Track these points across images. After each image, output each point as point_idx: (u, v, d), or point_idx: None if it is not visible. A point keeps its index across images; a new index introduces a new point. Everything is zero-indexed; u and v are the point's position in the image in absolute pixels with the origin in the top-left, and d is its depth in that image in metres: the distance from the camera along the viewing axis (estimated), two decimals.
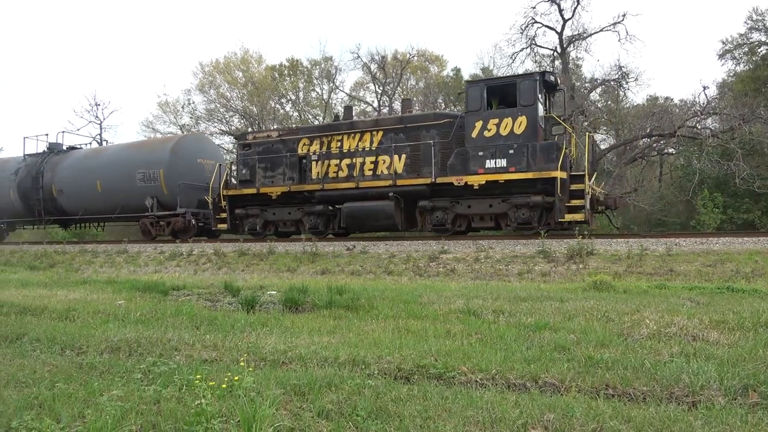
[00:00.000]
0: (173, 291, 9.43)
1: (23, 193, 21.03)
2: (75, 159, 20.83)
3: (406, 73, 38.04)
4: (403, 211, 14.58)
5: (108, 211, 19.66)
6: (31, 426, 3.11)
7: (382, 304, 7.40)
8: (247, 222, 16.83)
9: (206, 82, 41.45)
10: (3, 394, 3.77)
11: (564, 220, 12.79)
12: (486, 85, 13.94)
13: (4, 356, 4.94)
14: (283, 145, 16.42)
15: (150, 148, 19.57)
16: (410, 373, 4.32)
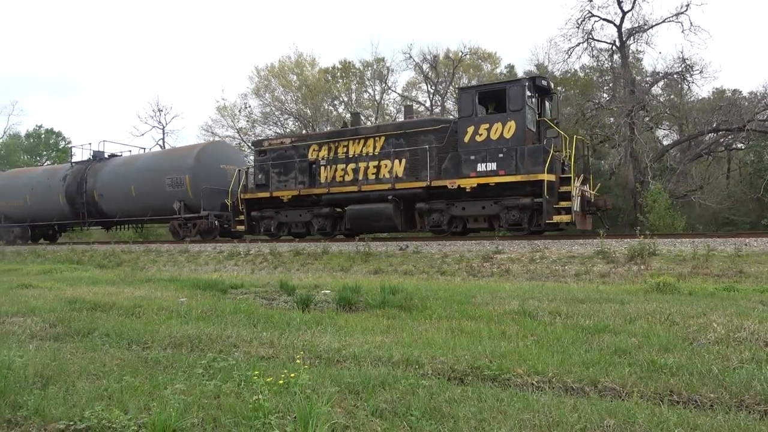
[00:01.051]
0: (232, 289, 9.72)
1: (70, 197, 22.79)
2: (113, 166, 22.45)
3: (459, 72, 37.73)
4: (402, 213, 15.21)
5: (141, 213, 21.08)
6: (101, 416, 3.27)
7: (435, 304, 7.37)
8: (263, 223, 17.73)
9: (262, 86, 42.50)
10: (77, 386, 3.98)
11: (552, 221, 13.05)
12: (477, 91, 14.55)
13: (77, 350, 5.23)
14: (294, 151, 17.23)
15: (177, 156, 20.91)
16: (464, 374, 4.28)
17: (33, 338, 5.84)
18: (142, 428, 3.12)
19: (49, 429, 3.29)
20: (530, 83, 14.05)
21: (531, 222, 13.72)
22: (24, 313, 7.21)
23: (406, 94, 40.26)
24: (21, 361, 4.37)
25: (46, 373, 4.24)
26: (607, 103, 28.20)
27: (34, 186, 24.44)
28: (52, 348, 5.24)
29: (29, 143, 52.04)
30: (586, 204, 13.78)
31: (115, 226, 23.94)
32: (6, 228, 25.38)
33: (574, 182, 13.07)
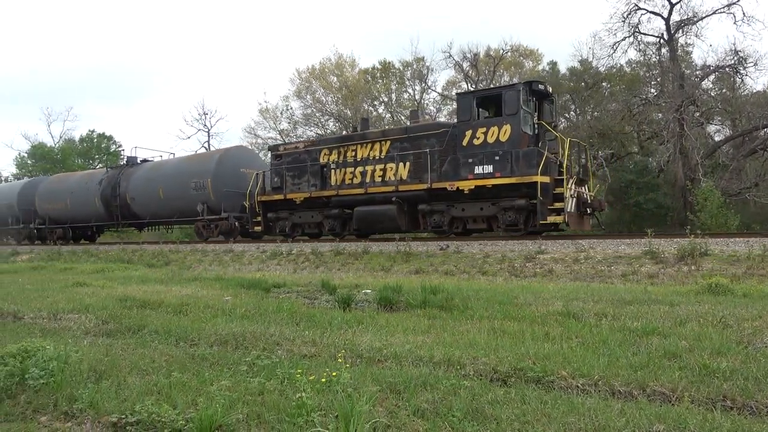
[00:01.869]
0: (274, 288, 9.88)
1: (105, 200, 24.17)
2: (144, 170, 23.63)
3: (499, 70, 37.27)
4: (406, 214, 15.78)
5: (168, 215, 22.28)
6: (151, 410, 3.38)
7: (476, 304, 7.30)
8: (278, 224, 18.57)
9: (303, 87, 43.04)
10: (128, 381, 4.13)
11: (546, 222, 13.36)
12: (475, 96, 15.05)
13: (128, 346, 5.42)
14: (307, 155, 17.91)
15: (200, 161, 21.99)
16: (507, 376, 4.23)
17: (87, 334, 6.08)
18: (189, 423, 3.21)
19: (103, 422, 3.43)
20: (527, 88, 14.39)
21: (527, 223, 14.04)
22: (79, 310, 7.52)
23: (446, 93, 40.05)
24: (76, 356, 4.56)
25: (99, 368, 4.41)
26: (654, 98, 27.36)
27: (73, 190, 25.97)
28: (104, 344, 5.45)
29: (83, 147, 54.20)
30: (582, 205, 14.08)
31: (146, 227, 25.26)
32: (50, 229, 27.01)
33: (566, 184, 13.35)
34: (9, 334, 5.84)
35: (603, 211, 14.90)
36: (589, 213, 14.55)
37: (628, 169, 28.37)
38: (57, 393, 3.83)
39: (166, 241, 22.50)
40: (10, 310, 7.68)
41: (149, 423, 3.29)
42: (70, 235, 27.08)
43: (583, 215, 14.32)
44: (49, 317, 7.14)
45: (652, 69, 29.75)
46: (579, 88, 32.40)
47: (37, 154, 52.05)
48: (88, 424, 3.42)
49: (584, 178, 14.90)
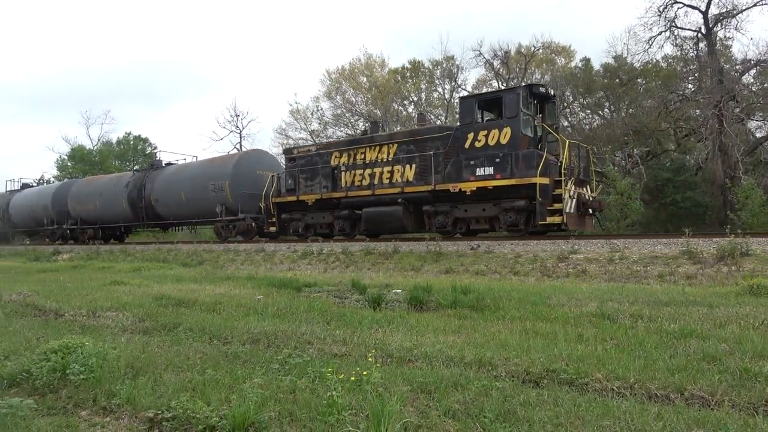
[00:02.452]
0: (305, 288, 9.96)
1: (131, 202, 25.17)
2: (167, 173, 24.53)
3: (531, 67, 36.81)
4: (412, 215, 16.24)
5: (190, 216, 23.24)
6: (186, 407, 3.45)
7: (508, 304, 7.23)
8: (292, 225, 19.14)
9: (333, 88, 43.30)
10: (163, 377, 4.22)
11: (544, 222, 13.60)
12: (476, 99, 15.40)
13: (164, 343, 5.54)
14: (319, 158, 18.51)
15: (219, 164, 22.63)
16: (539, 377, 4.17)
17: (124, 331, 6.24)
18: (223, 420, 3.26)
19: (140, 417, 3.51)
20: (527, 91, 14.63)
21: (528, 223, 14.29)
22: (116, 308, 7.73)
23: (477, 91, 39.77)
24: (114, 352, 4.68)
25: (136, 365, 4.52)
26: (692, 94, 26.65)
27: (102, 192, 27.12)
28: (141, 341, 5.58)
29: (120, 149, 55.66)
30: (581, 206, 14.25)
31: (169, 227, 26.42)
32: (82, 229, 28.35)
33: (564, 185, 13.56)
34: (51, 331, 6.03)
35: (602, 211, 15.05)
36: (590, 213, 14.71)
37: (665, 167, 27.70)
38: (96, 388, 3.94)
39: (200, 241, 22.95)
40: (52, 307, 7.94)
41: (184, 419, 3.36)
42: (100, 235, 28.26)
43: (585, 216, 14.53)
44: (88, 315, 7.35)
45: (690, 64, 28.96)
46: (613, 84, 31.76)
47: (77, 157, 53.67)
48: (125, 419, 3.51)
49: (585, 179, 15.06)
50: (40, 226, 30.93)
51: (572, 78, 33.65)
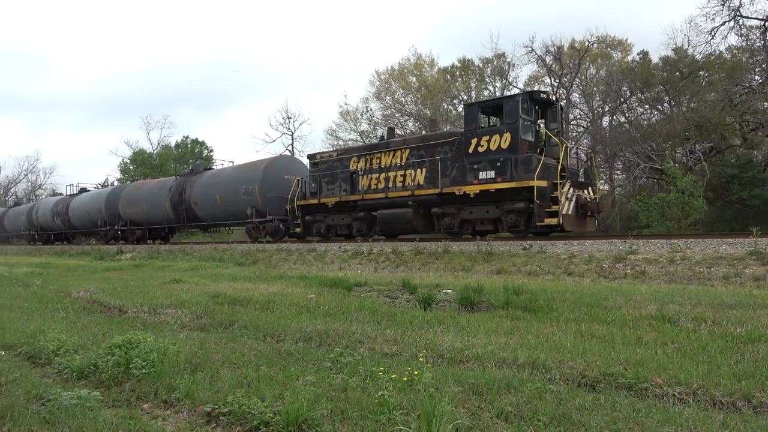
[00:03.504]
0: (356, 287, 10.04)
1: (173, 205, 26.93)
2: (205, 178, 26.19)
3: (585, 62, 35.82)
4: (422, 217, 16.91)
5: (225, 218, 24.76)
6: (241, 402, 3.54)
7: (562, 306, 7.06)
8: (314, 226, 20.17)
9: (382, 89, 43.47)
10: (220, 373, 4.35)
11: (542, 223, 14.02)
12: (479, 106, 16.09)
13: (220, 340, 5.70)
14: (339, 162, 19.45)
15: (250, 169, 23.96)
16: (595, 381, 4.05)
17: (183, 328, 6.47)
18: (276, 416, 3.32)
19: (198, 411, 3.62)
20: (527, 97, 15.20)
21: (528, 224, 14.72)
22: (175, 305, 8.02)
23: (529, 89, 39.02)
24: (174, 348, 4.85)
25: (194, 360, 4.67)
26: (759, 86, 25.24)
27: (148, 196, 28.98)
28: (199, 338, 5.77)
29: (178, 153, 57.71)
30: (580, 207, 14.52)
31: (207, 228, 28.10)
32: (131, 230, 30.35)
33: (560, 188, 13.93)
34: (115, 327, 6.32)
35: (600, 213, 15.54)
36: (590, 215, 14.94)
37: (730, 163, 26.36)
38: (157, 382, 4.09)
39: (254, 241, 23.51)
40: (116, 304, 8.32)
41: (240, 414, 3.44)
42: (147, 235, 30.22)
43: (585, 217, 14.83)
44: (149, 311, 7.66)
45: (756, 54, 27.43)
46: (673, 78, 30.48)
47: (138, 160, 56.01)
48: (185, 413, 3.64)
49: (586, 181, 15.44)
50: (95, 227, 33.15)
51: (629, 72, 32.52)
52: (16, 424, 3.33)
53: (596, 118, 36.16)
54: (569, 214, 14.11)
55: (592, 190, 15.38)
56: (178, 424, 3.42)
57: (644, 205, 24.24)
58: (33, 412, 3.52)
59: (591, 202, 14.82)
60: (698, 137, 27.45)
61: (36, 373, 4.59)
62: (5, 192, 76.21)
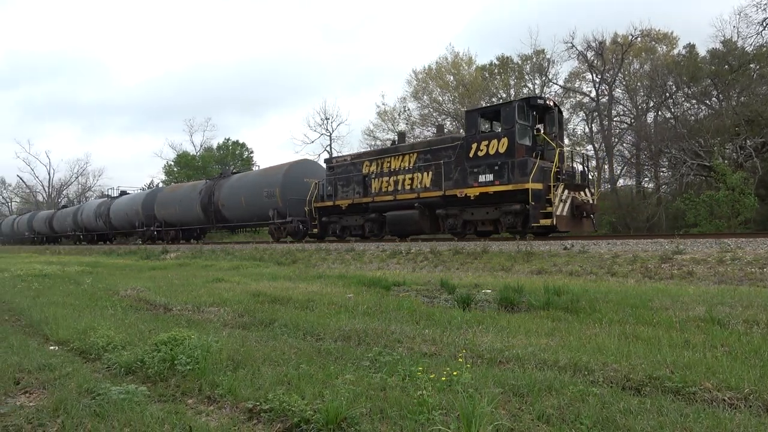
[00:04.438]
0: (394, 287, 10.05)
1: (203, 207, 28.44)
2: (231, 181, 27.46)
3: (628, 57, 34.88)
4: (428, 218, 17.70)
5: (249, 219, 26.08)
6: (282, 399, 3.59)
7: (605, 307, 6.90)
8: (330, 227, 21.17)
9: (420, 88, 43.34)
10: (261, 370, 4.42)
11: (538, 224, 14.59)
12: (479, 112, 16.85)
13: (261, 338, 5.80)
14: (353, 167, 20.36)
15: (271, 173, 25.12)
16: (641, 384, 3.94)
17: (225, 326, 6.61)
18: (316, 414, 3.36)
19: (240, 407, 3.70)
20: (523, 103, 15.82)
21: (524, 225, 15.29)
22: (218, 303, 8.20)
23: (569, 85, 38.26)
24: (216, 345, 4.96)
25: (236, 358, 4.77)
26: None
27: (181, 198, 30.64)
28: (240, 335, 5.88)
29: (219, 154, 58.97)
30: (575, 209, 15.03)
31: (235, 229, 29.70)
32: (166, 231, 32.28)
33: (553, 190, 14.56)
34: (161, 324, 6.51)
35: (594, 214, 15.97)
36: (585, 216, 15.45)
37: None
38: (201, 378, 4.19)
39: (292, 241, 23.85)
40: (161, 302, 8.56)
41: (280, 411, 3.49)
42: (180, 235, 31.82)
43: (582, 218, 15.34)
44: (193, 309, 7.85)
45: None
46: (722, 71, 29.34)
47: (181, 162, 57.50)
48: (227, 409, 3.71)
49: (583, 184, 15.95)
50: (134, 227, 35.16)
51: (675, 66, 31.49)
52: (69, 416, 3.46)
53: (640, 114, 35.16)
54: (564, 215, 14.73)
55: (589, 192, 15.98)
56: (221, 420, 3.49)
57: (692, 204, 23.44)
58: (84, 405, 3.65)
59: (586, 204, 15.37)
60: (749, 132, 26.35)
61: (87, 368, 4.77)
62: (58, 194, 79.50)
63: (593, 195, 16.17)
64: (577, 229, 15.53)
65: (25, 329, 6.80)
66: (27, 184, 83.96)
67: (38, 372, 4.54)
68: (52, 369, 4.60)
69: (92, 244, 40.09)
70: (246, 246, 22.56)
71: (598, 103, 35.87)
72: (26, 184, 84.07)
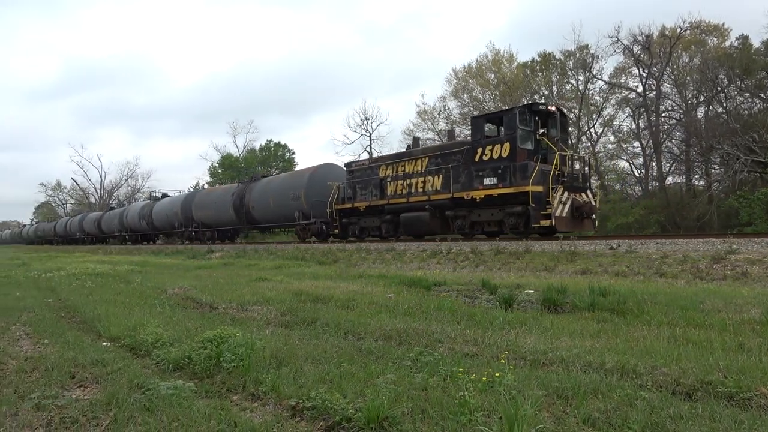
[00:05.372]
0: (435, 286, 10.00)
1: (236, 209, 29.84)
2: (261, 184, 28.86)
3: (677, 51, 33.72)
4: (438, 219, 18.53)
5: (276, 220, 27.46)
6: (324, 398, 3.62)
7: (653, 309, 6.69)
8: (350, 228, 22.23)
9: (459, 87, 43.05)
10: (303, 368, 4.48)
11: (538, 225, 15.17)
12: (484, 119, 17.74)
13: (303, 336, 5.87)
14: (371, 171, 21.37)
15: (297, 176, 26.90)
16: (692, 389, 3.80)
17: (268, 324, 6.72)
18: (358, 412, 3.37)
19: (283, 404, 3.75)
20: (525, 110, 16.37)
21: (526, 226, 15.78)
22: (261, 302, 8.35)
23: (614, 81, 37.25)
24: (260, 343, 5.05)
25: (279, 356, 4.84)
26: None
27: (216, 200, 32.26)
28: (283, 334, 5.97)
29: (262, 156, 60.06)
30: (575, 210, 15.51)
31: (264, 230, 31.27)
32: (202, 231, 34.10)
33: (551, 193, 15.08)
34: (207, 322, 6.67)
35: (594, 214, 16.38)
36: (586, 216, 15.83)
37: None
38: (245, 376, 4.28)
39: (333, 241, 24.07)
40: (207, 301, 8.78)
41: (322, 409, 3.53)
42: (216, 236, 33.51)
43: (582, 219, 15.81)
44: (237, 308, 8.02)
45: None
46: None
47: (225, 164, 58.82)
48: (271, 406, 3.78)
49: (583, 186, 16.39)
50: (173, 228, 37.20)
51: (727, 59, 30.24)
52: (121, 410, 3.59)
53: (690, 109, 33.93)
54: (563, 216, 15.28)
55: (590, 193, 16.54)
56: (265, 417, 3.55)
57: (746, 202, 22.49)
58: (135, 399, 3.78)
59: (585, 205, 15.83)
60: None
61: (137, 364, 4.93)
62: (109, 196, 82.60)
63: (595, 197, 16.80)
64: (576, 229, 16.16)
65: (79, 326, 7.08)
66: (80, 186, 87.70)
67: (92, 367, 4.72)
68: (104, 364, 4.77)
69: (136, 244, 42.32)
70: (288, 246, 22.91)
71: (645, 98, 34.81)
72: (80, 186, 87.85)
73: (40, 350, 5.47)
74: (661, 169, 34.29)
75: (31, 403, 3.76)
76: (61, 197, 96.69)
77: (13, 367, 4.78)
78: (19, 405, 3.76)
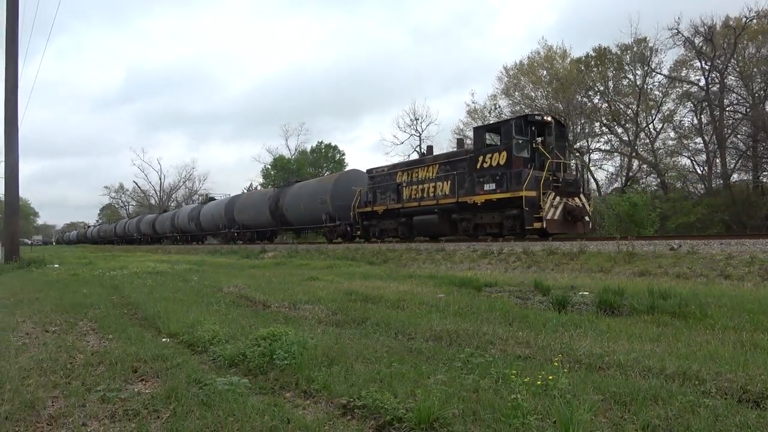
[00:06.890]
0: (486, 287, 9.89)
1: (271, 211, 32.17)
2: (294, 189, 31.09)
3: (742, 41, 32.03)
4: (446, 222, 20.05)
5: (307, 222, 29.60)
6: (375, 397, 3.63)
7: (718, 312, 6.39)
8: (370, 230, 24.00)
9: (511, 85, 42.38)
10: (354, 367, 4.51)
11: (531, 227, 16.42)
12: (485, 129, 19.37)
13: (354, 336, 5.92)
14: (389, 176, 23.10)
15: (324, 182, 28.91)
16: (760, 397, 3.61)
17: (320, 323, 6.80)
18: (409, 412, 3.37)
19: (335, 403, 3.79)
20: (521, 121, 17.75)
21: (522, 228, 16.84)
22: (312, 301, 8.47)
23: (674, 74, 35.76)
24: (312, 342, 5.12)
25: (330, 354, 4.89)
26: None
27: (255, 204, 34.84)
28: (334, 333, 6.03)
29: (313, 157, 60.91)
30: (567, 213, 16.68)
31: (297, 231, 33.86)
32: (243, 232, 36.74)
33: (542, 197, 16.27)
34: (260, 320, 6.82)
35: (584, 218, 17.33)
36: (578, 219, 16.98)
37: None
38: (298, 373, 4.34)
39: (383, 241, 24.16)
40: (261, 299, 8.98)
41: (373, 408, 3.54)
42: (255, 236, 35.89)
43: (575, 221, 17.00)
44: (289, 306, 8.16)
45: None
46: None
47: (278, 166, 59.98)
48: (322, 404, 3.82)
49: (576, 190, 17.50)
50: (218, 229, 40.11)
51: None
52: (180, 404, 3.72)
53: (757, 102, 32.16)
54: (554, 219, 16.45)
55: (585, 197, 17.66)
56: (317, 414, 3.60)
57: None
58: (193, 394, 3.91)
59: (577, 209, 16.98)
60: None
61: (194, 360, 5.09)
62: (168, 197, 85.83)
63: (589, 201, 18.20)
64: (568, 230, 17.38)
65: (141, 322, 7.38)
66: (141, 188, 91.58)
67: (153, 362, 4.90)
68: (164, 359, 4.95)
69: (186, 244, 45.21)
70: (338, 246, 23.16)
71: (708, 92, 33.26)
72: (140, 188, 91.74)
73: (105, 345, 5.73)
74: (725, 166, 32.68)
75: (97, 395, 3.94)
76: (124, 199, 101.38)
77: (81, 361, 5.03)
78: (87, 397, 3.95)
